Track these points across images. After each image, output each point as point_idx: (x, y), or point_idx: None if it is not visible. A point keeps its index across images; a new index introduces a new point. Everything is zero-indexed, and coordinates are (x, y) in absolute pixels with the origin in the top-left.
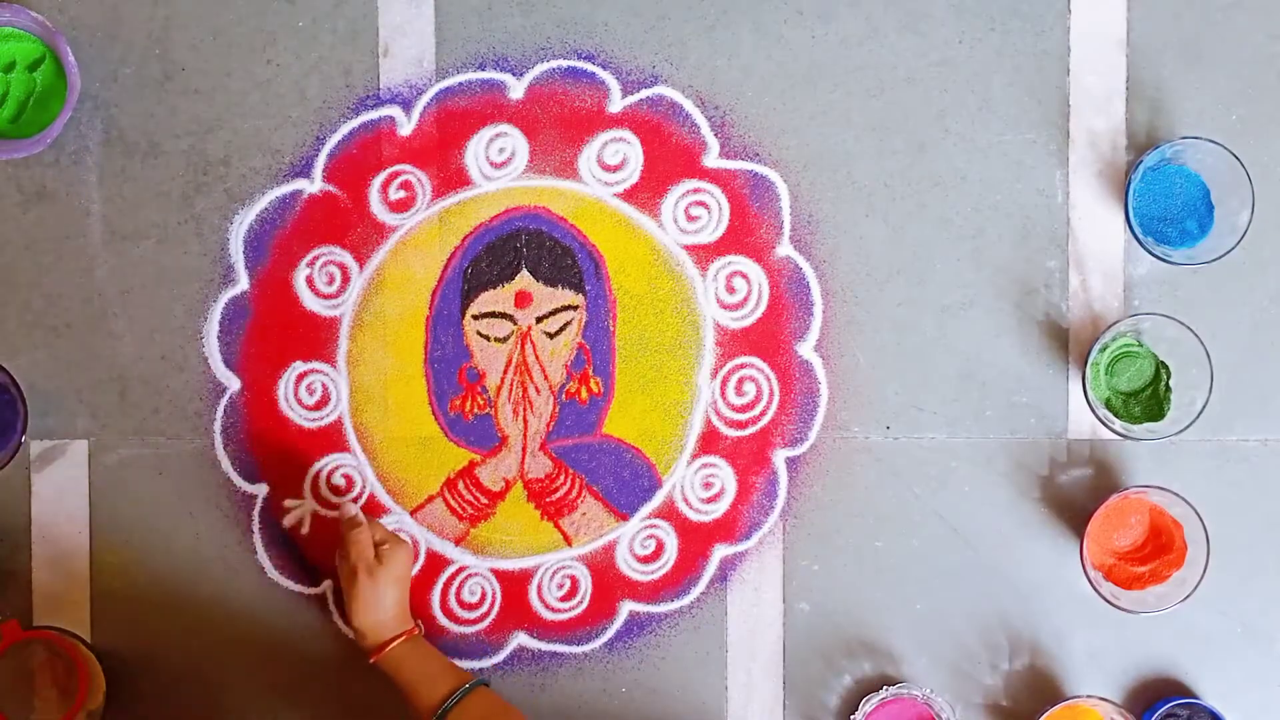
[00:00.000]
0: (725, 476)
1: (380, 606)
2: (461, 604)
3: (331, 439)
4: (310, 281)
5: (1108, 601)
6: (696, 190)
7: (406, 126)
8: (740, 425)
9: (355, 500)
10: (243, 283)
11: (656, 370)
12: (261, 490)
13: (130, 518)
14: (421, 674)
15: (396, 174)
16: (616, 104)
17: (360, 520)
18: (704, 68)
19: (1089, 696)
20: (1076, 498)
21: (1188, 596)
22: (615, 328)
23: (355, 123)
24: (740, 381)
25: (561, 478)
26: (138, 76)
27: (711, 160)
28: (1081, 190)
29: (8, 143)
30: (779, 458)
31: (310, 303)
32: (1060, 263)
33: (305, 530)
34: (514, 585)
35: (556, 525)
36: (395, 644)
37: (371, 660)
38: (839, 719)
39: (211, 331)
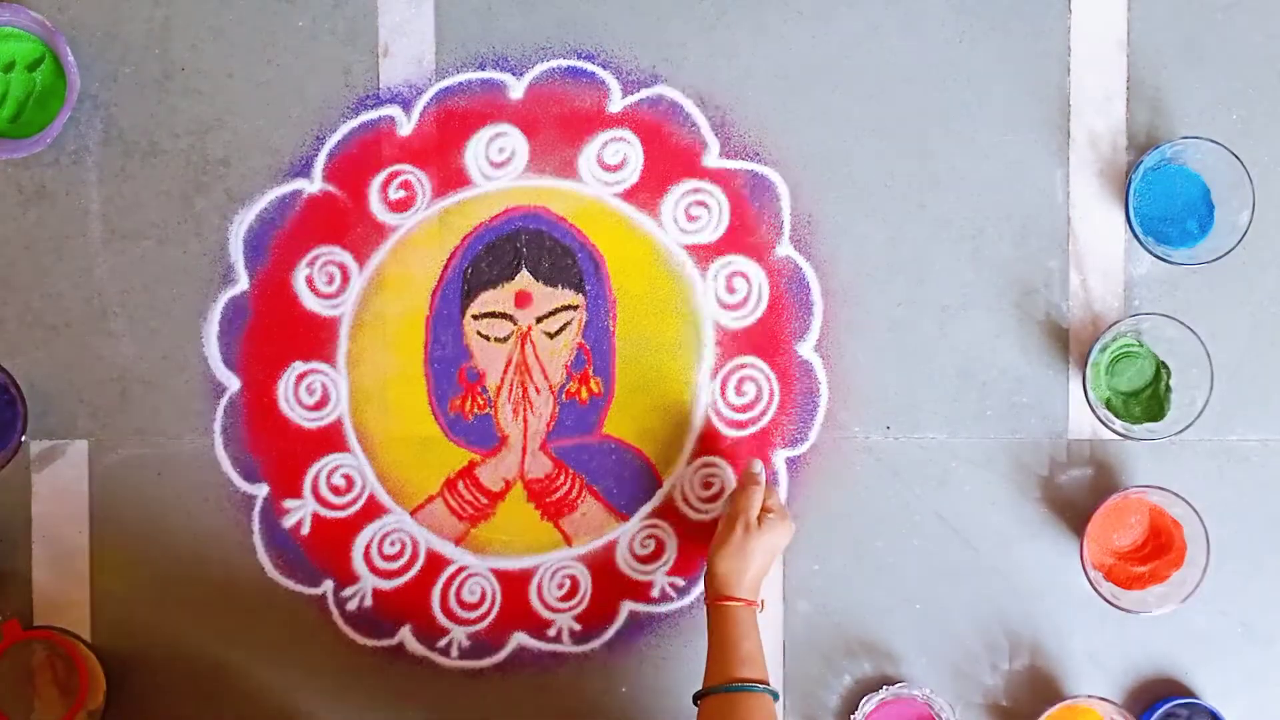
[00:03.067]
0: (725, 476)
1: (740, 563)
2: (461, 604)
3: (331, 439)
4: (310, 281)
5: (1108, 601)
6: (696, 190)
7: (406, 126)
8: (740, 425)
9: (357, 501)
10: (243, 283)
11: (656, 370)
12: (261, 490)
13: (130, 518)
14: (736, 645)
15: (396, 174)
16: (616, 104)
17: (760, 481)
18: (704, 68)
19: (1089, 696)
20: (1076, 498)
21: (1188, 596)
22: (615, 328)
23: (355, 123)
24: (740, 381)
25: (561, 478)
26: (138, 76)
27: (711, 160)
28: (1081, 190)
29: (8, 143)
30: (779, 458)
31: (310, 303)
32: (1060, 263)
33: (305, 530)
34: (514, 585)
35: (556, 525)
36: (735, 604)
37: (709, 602)
38: (839, 719)
39: (211, 331)
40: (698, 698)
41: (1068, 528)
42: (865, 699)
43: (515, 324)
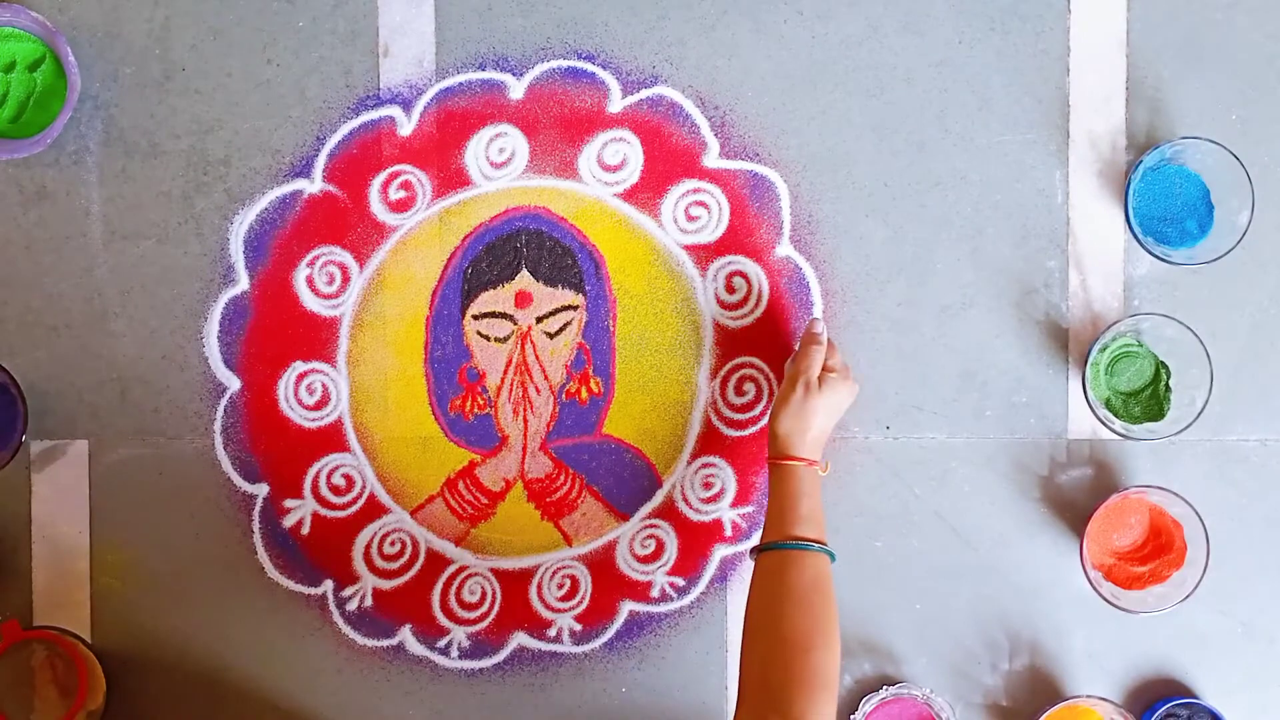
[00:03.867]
0: (725, 476)
1: (800, 423)
2: (461, 604)
3: (331, 439)
4: (310, 281)
5: (1108, 601)
6: (696, 190)
7: (406, 126)
8: (740, 425)
9: (357, 500)
10: (243, 283)
11: (656, 370)
12: (261, 490)
13: (130, 518)
14: (795, 504)
15: (396, 174)
16: (616, 104)
17: (821, 340)
18: (704, 68)
19: (1089, 696)
20: (1076, 498)
21: (1188, 596)
22: (615, 328)
23: (355, 123)
24: (740, 381)
25: (561, 478)
26: (138, 76)
27: (711, 160)
28: (1081, 190)
29: (8, 143)
30: None
31: (310, 303)
32: (1060, 263)
33: (305, 530)
34: (514, 585)
35: (556, 525)
36: (797, 463)
37: (770, 461)
38: (839, 719)
39: (211, 331)
40: (754, 553)
41: (1068, 528)
42: (865, 699)
43: (515, 324)
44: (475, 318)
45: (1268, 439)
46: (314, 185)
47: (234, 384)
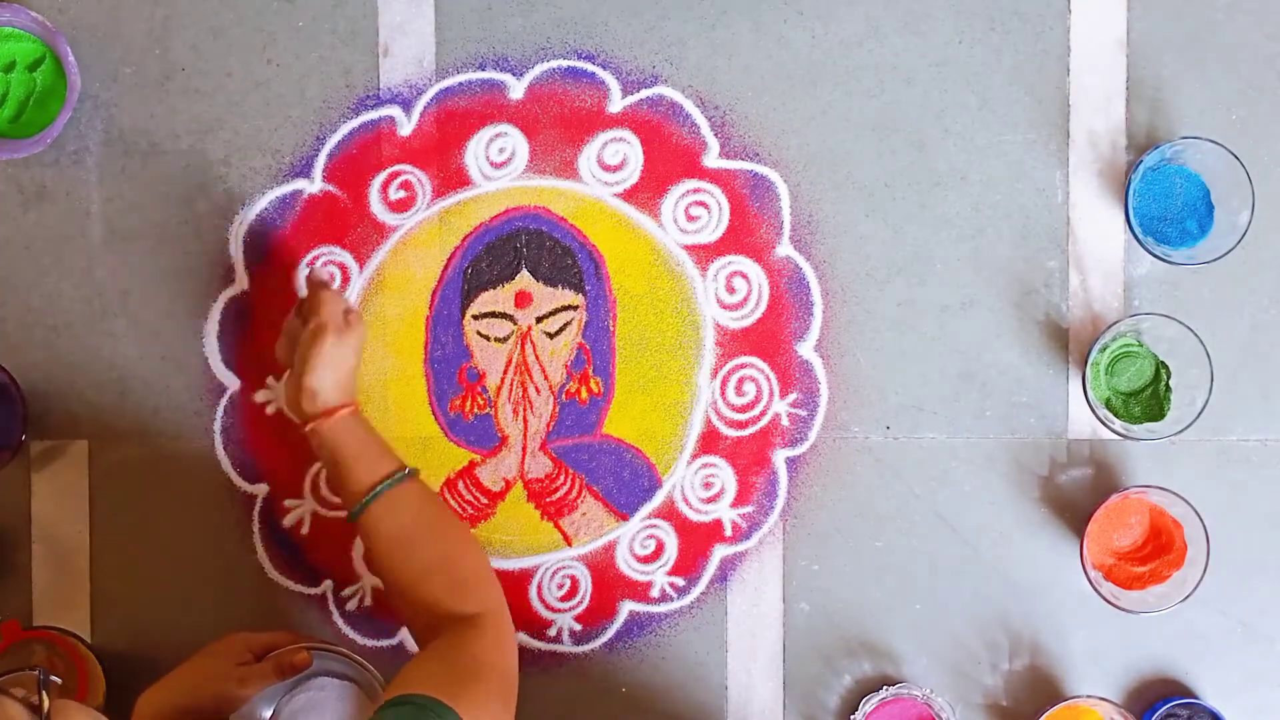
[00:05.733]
0: (725, 476)
1: (340, 369)
2: None
3: None
4: None
5: (1108, 601)
6: (696, 190)
7: (406, 126)
8: (740, 425)
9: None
10: (243, 283)
11: (656, 370)
12: (261, 490)
13: (130, 518)
14: (364, 450)
15: (396, 174)
16: (616, 104)
17: (330, 284)
18: (704, 68)
19: (1089, 696)
20: (1076, 498)
21: (1188, 596)
22: (615, 328)
23: (355, 123)
24: (740, 381)
25: (561, 478)
26: (138, 76)
27: (711, 160)
28: (1081, 190)
29: (8, 143)
30: (779, 458)
31: None
32: (1060, 263)
33: (305, 530)
34: (514, 585)
35: (556, 525)
36: (342, 412)
37: (311, 426)
38: (839, 719)
39: (211, 331)
40: (352, 519)
41: (1068, 528)
42: (865, 699)
43: (515, 324)
44: (475, 318)
45: (1268, 439)
46: (314, 185)
47: (234, 384)
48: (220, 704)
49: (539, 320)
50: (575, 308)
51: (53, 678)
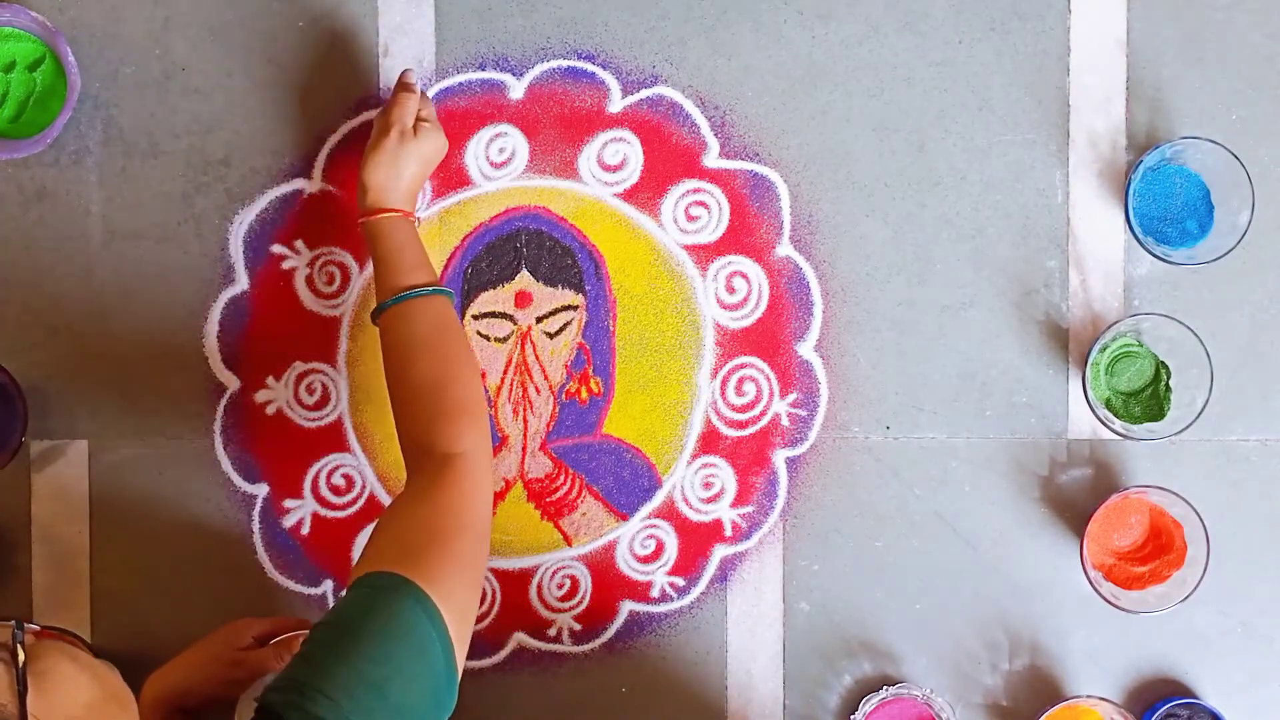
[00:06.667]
0: (725, 476)
1: (396, 172)
2: None
3: (331, 439)
4: (310, 281)
5: (1108, 601)
6: (696, 190)
7: None
8: (740, 425)
9: (357, 500)
10: (243, 283)
11: (656, 370)
12: (261, 490)
13: (130, 518)
14: (401, 254)
15: None
16: (616, 104)
17: (414, 87)
18: (704, 68)
19: (1089, 696)
20: (1076, 498)
21: (1188, 596)
22: (615, 328)
23: (355, 123)
24: (740, 381)
25: (561, 478)
26: (138, 76)
27: (711, 160)
28: (1081, 190)
29: (8, 143)
30: (779, 458)
31: (310, 303)
32: (1060, 263)
33: (305, 530)
34: (514, 585)
35: (556, 525)
36: (393, 214)
37: (363, 219)
38: (839, 719)
39: (211, 331)
40: (374, 316)
41: (1068, 528)
42: (865, 699)
43: (515, 324)
44: (475, 318)
45: (1268, 439)
46: (314, 185)
47: (234, 384)
48: (219, 686)
49: (539, 320)
50: (575, 308)
51: (30, 625)
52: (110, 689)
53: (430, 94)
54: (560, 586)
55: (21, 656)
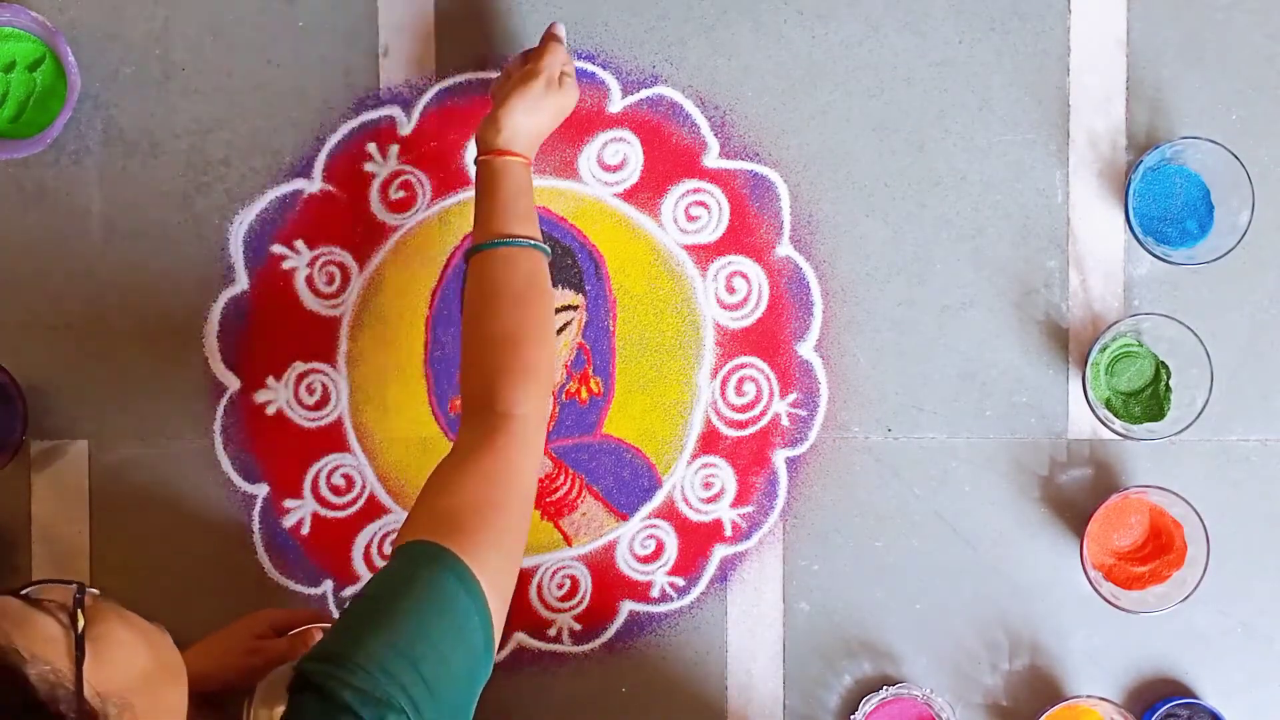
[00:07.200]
0: (725, 476)
1: (533, 118)
2: None
3: (331, 439)
4: (310, 281)
5: (1108, 601)
6: (696, 190)
7: (406, 126)
8: (740, 425)
9: (357, 500)
10: (243, 283)
11: (656, 370)
12: (261, 490)
13: (130, 518)
14: (516, 200)
15: (397, 174)
16: (616, 104)
17: (564, 40)
18: (704, 68)
19: (1089, 696)
20: (1076, 498)
21: (1188, 596)
22: (615, 328)
23: (355, 123)
24: (740, 381)
25: (561, 478)
26: (138, 76)
27: (711, 160)
28: (1081, 190)
29: (8, 143)
30: (779, 458)
31: (310, 303)
32: (1060, 263)
33: (305, 530)
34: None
35: (556, 525)
36: (519, 159)
37: (485, 157)
38: (839, 719)
39: (211, 331)
40: (468, 255)
41: (1068, 528)
42: (865, 699)
43: None
44: None
45: (1268, 439)
46: (314, 185)
47: (234, 384)
48: (235, 673)
49: None
50: (575, 308)
51: (90, 590)
52: (163, 658)
53: (430, 94)
54: (560, 586)
55: (81, 622)
